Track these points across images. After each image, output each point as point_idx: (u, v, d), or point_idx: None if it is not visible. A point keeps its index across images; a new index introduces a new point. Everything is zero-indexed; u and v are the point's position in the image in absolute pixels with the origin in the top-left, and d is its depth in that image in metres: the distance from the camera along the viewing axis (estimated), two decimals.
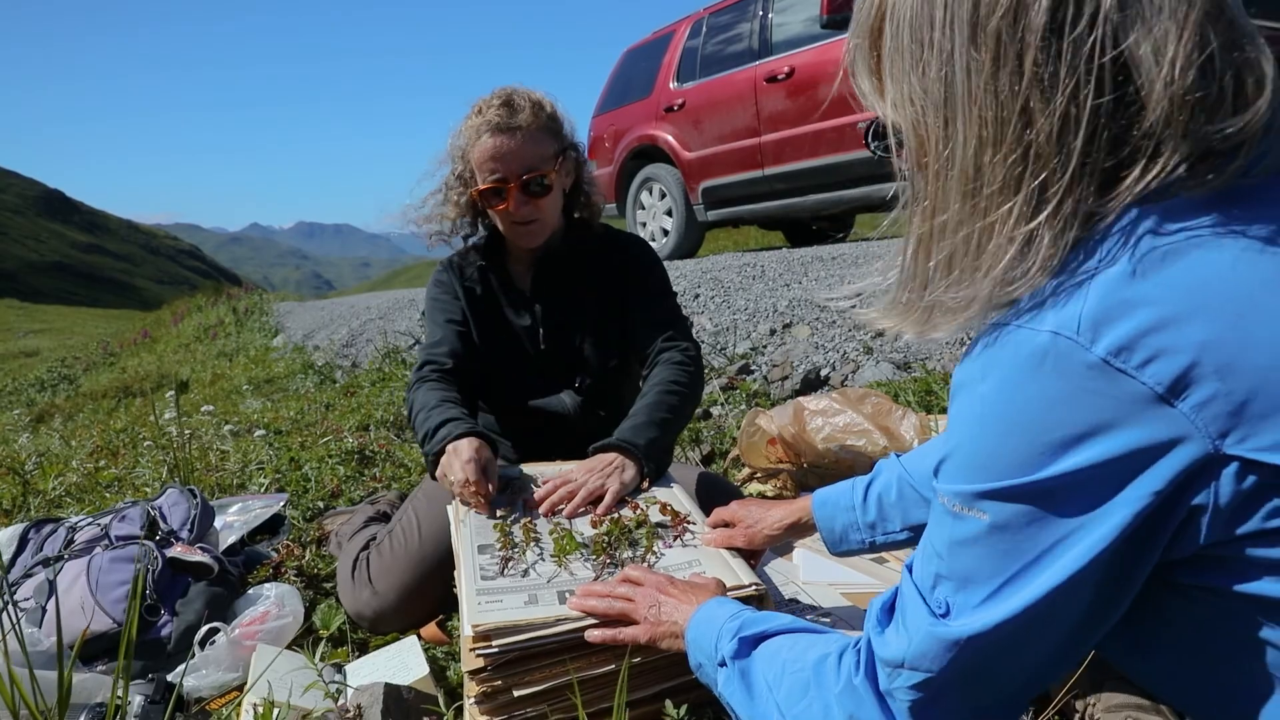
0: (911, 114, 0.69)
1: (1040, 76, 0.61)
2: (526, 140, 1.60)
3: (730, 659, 0.88)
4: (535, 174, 1.62)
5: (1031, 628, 0.64)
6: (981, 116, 0.63)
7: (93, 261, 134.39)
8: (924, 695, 0.69)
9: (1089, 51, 0.60)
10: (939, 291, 0.68)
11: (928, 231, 0.69)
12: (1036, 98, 0.61)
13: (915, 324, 0.71)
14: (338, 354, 6.14)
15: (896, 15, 0.68)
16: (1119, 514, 0.59)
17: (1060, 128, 0.61)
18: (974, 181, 0.65)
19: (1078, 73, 0.60)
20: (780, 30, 5.47)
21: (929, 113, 0.67)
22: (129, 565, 1.57)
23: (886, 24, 0.69)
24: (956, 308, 0.66)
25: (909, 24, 0.67)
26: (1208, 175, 0.60)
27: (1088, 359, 0.58)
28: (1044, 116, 0.61)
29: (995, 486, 0.63)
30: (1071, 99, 0.60)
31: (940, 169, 0.67)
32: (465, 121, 1.66)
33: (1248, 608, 0.61)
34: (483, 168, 1.63)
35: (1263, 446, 0.55)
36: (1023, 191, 0.62)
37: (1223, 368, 0.55)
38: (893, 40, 0.69)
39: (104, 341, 13.99)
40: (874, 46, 0.72)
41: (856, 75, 0.75)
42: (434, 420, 1.53)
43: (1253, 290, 0.57)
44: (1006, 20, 0.61)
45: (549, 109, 1.66)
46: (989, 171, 0.64)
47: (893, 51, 0.69)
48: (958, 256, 0.66)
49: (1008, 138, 0.62)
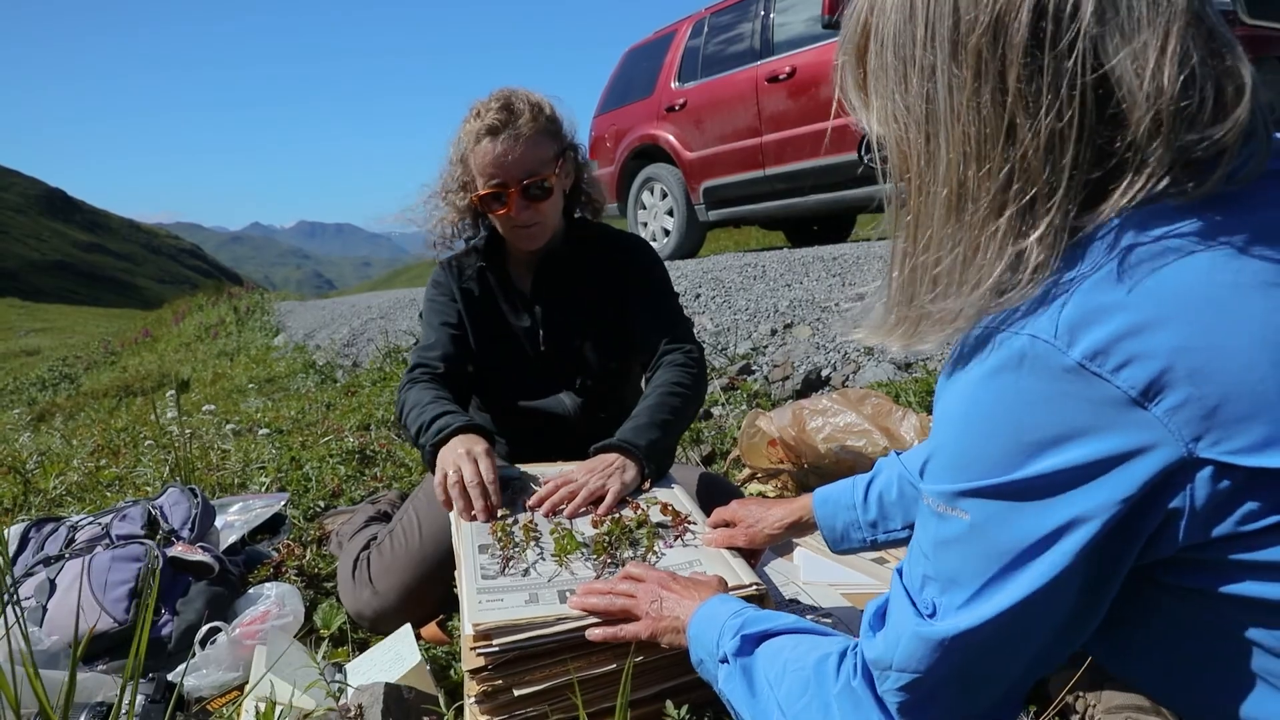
0: (895, 130, 0.70)
1: (1024, 93, 0.61)
2: (526, 144, 1.59)
3: (732, 656, 0.89)
4: (535, 178, 1.61)
5: (1016, 628, 0.65)
6: (964, 133, 0.64)
7: (94, 260, 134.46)
8: (913, 696, 0.70)
9: (1072, 67, 0.60)
10: (925, 304, 0.69)
11: (912, 246, 0.70)
12: (1021, 114, 0.62)
13: (902, 337, 0.72)
14: (339, 353, 6.14)
15: (880, 33, 0.69)
16: (1095, 516, 0.60)
17: (1047, 143, 0.61)
18: (958, 197, 0.65)
19: (1061, 88, 0.61)
20: (782, 30, 5.47)
21: (911, 129, 0.68)
22: (130, 564, 1.57)
23: (871, 41, 0.70)
24: (944, 320, 0.67)
25: (892, 41, 0.68)
26: (1189, 183, 0.61)
27: (1064, 362, 0.59)
28: (1030, 133, 0.61)
29: (974, 485, 0.64)
30: (1057, 115, 0.61)
31: (923, 185, 0.68)
32: (463, 126, 1.64)
33: (1231, 609, 0.62)
34: (482, 172, 1.62)
35: (1236, 450, 0.56)
36: (1009, 207, 0.63)
37: (1195, 372, 0.56)
38: (877, 58, 0.70)
39: (105, 340, 13.99)
40: (860, 63, 0.73)
41: (845, 91, 0.76)
42: (429, 414, 1.53)
43: (1226, 296, 0.57)
44: (987, 38, 0.62)
45: (547, 110, 1.65)
46: (973, 187, 0.64)
47: (876, 69, 0.70)
48: (943, 270, 0.67)
49: (991, 154, 0.63)
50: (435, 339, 1.74)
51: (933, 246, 0.67)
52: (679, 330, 1.72)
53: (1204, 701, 0.68)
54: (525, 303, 1.77)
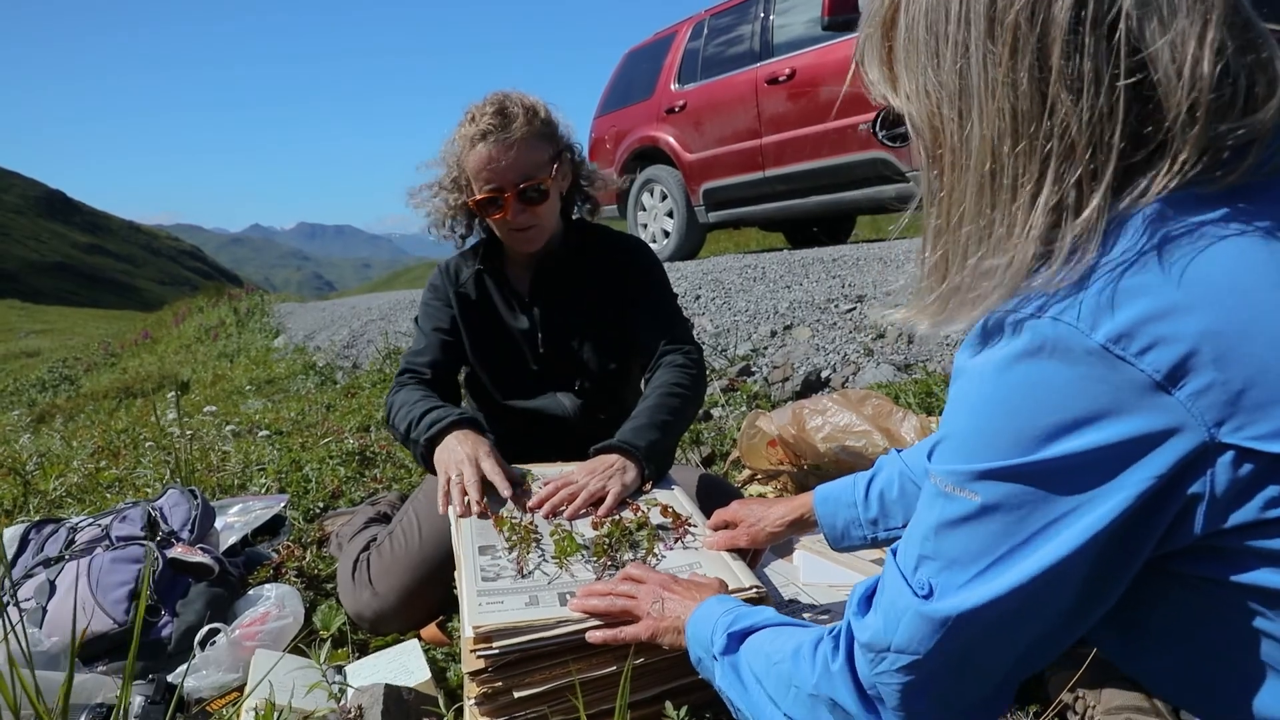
0: (926, 107, 0.69)
1: (1065, 72, 0.61)
2: (521, 148, 1.59)
3: (719, 655, 0.90)
4: (532, 182, 1.61)
5: (1021, 611, 0.64)
6: (999, 108, 0.63)
7: (94, 262, 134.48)
8: (913, 678, 0.69)
9: (1114, 47, 0.60)
10: (957, 281, 0.68)
11: (944, 223, 0.69)
12: (1064, 92, 0.61)
13: (932, 314, 0.71)
14: (339, 355, 6.14)
15: (911, 8, 0.68)
16: (1112, 501, 0.59)
17: (1091, 124, 0.61)
18: (991, 174, 0.65)
19: (1105, 69, 0.60)
20: (781, 32, 5.48)
21: (944, 104, 0.67)
22: (129, 565, 1.57)
23: (901, 15, 0.69)
24: (977, 298, 0.66)
25: (924, 16, 0.67)
26: (1219, 172, 0.61)
27: (1087, 344, 0.58)
28: (1073, 112, 0.61)
29: (990, 466, 0.63)
30: (1103, 95, 0.60)
31: (955, 161, 0.67)
32: (458, 130, 1.64)
33: (1244, 598, 0.61)
34: (478, 177, 1.62)
35: (1260, 435, 0.56)
36: (1049, 186, 0.62)
37: (1221, 357, 0.56)
38: (907, 33, 0.69)
39: (105, 342, 13.99)
40: (886, 37, 0.72)
41: (866, 64, 0.75)
42: (418, 410, 1.55)
43: (1254, 282, 0.57)
44: (1025, 14, 0.61)
45: (542, 114, 1.64)
46: (1008, 164, 0.64)
47: (907, 44, 0.69)
48: (973, 246, 0.66)
49: (1030, 132, 0.63)
50: (425, 345, 1.76)
51: (965, 222, 0.67)
52: (678, 331, 1.72)
53: (1213, 694, 0.67)
54: (524, 304, 1.77)
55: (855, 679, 0.73)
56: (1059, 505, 0.61)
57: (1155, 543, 0.62)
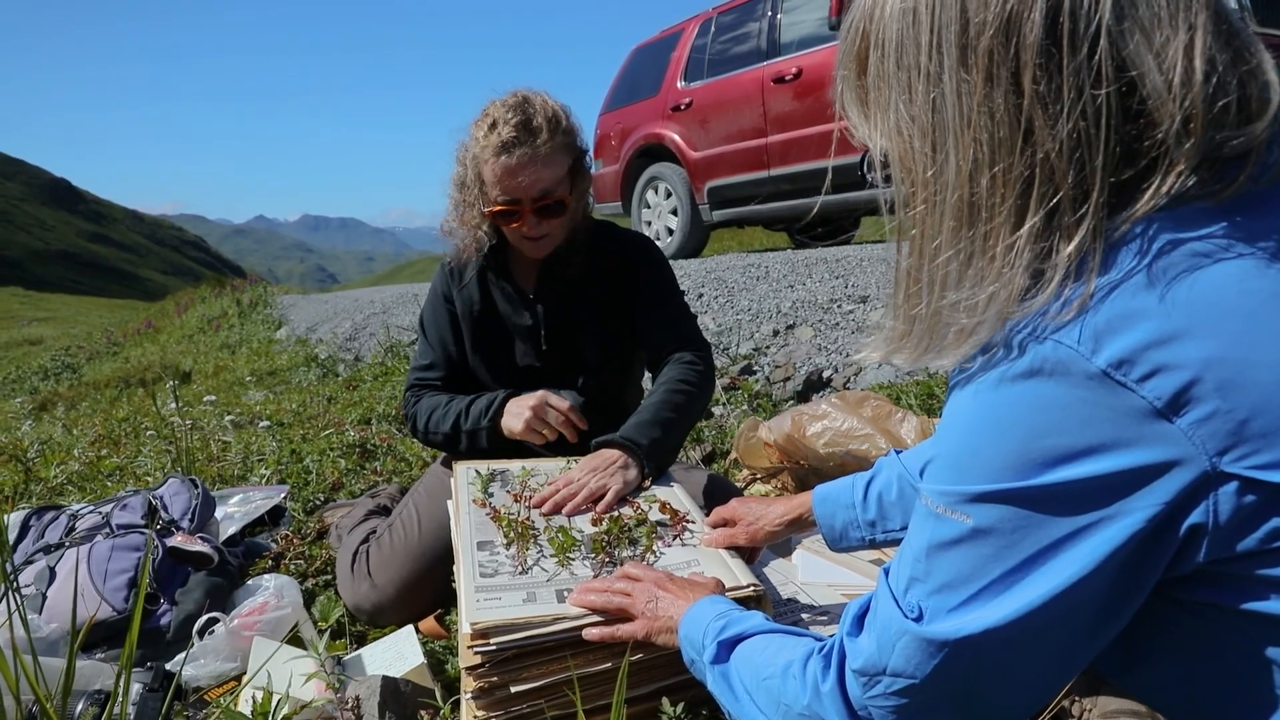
0: (899, 144, 0.67)
1: (1041, 95, 0.59)
2: (543, 164, 1.55)
3: (710, 664, 0.89)
4: (551, 197, 1.58)
5: (1023, 640, 0.62)
6: (975, 139, 0.62)
7: (98, 251, 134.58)
8: (908, 702, 0.67)
9: (1094, 65, 0.58)
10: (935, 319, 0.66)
11: (918, 260, 0.67)
12: (1039, 116, 0.60)
13: (911, 351, 0.69)
14: (340, 347, 6.14)
15: (881, 42, 0.67)
16: (1111, 529, 0.58)
17: (1071, 145, 0.59)
18: (970, 206, 0.63)
19: (1084, 88, 0.59)
20: (789, 31, 5.47)
21: (916, 139, 0.66)
22: (129, 554, 1.57)
23: (871, 52, 0.68)
24: (961, 334, 0.64)
25: (894, 49, 0.65)
26: (1217, 184, 0.59)
27: (1088, 369, 0.57)
28: (1050, 135, 0.59)
29: (983, 489, 0.62)
30: (1081, 115, 0.59)
31: (929, 196, 0.65)
32: (477, 130, 1.58)
33: (1250, 624, 0.60)
34: (495, 185, 1.57)
35: (1263, 465, 0.55)
36: (1032, 213, 0.61)
37: (1224, 385, 0.55)
38: (877, 68, 0.67)
39: (108, 331, 14.00)
40: (860, 75, 0.71)
41: (845, 106, 0.73)
42: (458, 405, 1.65)
43: (1258, 307, 0.56)
44: (999, 39, 0.60)
45: (564, 124, 1.59)
46: (986, 195, 0.62)
47: (877, 79, 0.68)
48: (954, 281, 0.64)
49: (1007, 159, 0.61)
50: (431, 359, 1.79)
51: (941, 257, 0.65)
52: (686, 329, 1.72)
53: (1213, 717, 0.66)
54: (527, 301, 1.77)
55: (846, 701, 0.71)
56: (1054, 531, 0.60)
57: (1159, 573, 0.61)
